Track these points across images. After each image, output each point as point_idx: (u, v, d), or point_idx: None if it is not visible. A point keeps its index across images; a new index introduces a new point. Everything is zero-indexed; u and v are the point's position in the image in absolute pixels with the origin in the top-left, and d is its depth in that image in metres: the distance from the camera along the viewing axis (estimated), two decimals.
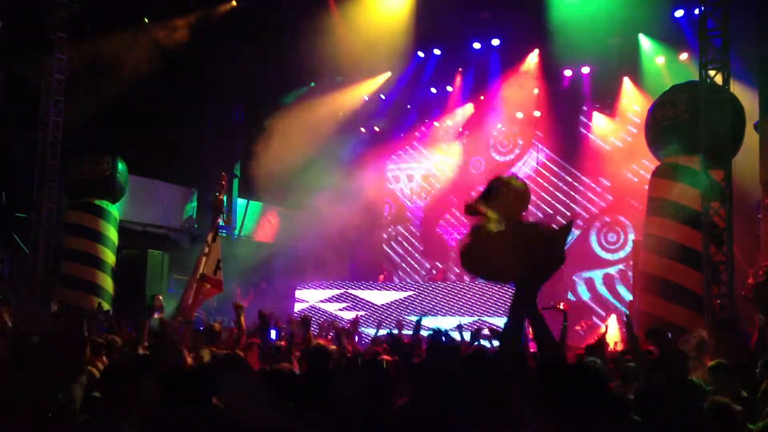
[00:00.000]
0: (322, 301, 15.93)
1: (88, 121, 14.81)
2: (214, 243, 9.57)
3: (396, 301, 15.36)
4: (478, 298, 14.85)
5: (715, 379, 5.07)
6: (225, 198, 11.19)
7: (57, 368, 4.65)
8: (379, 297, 15.53)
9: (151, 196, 18.03)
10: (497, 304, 14.34)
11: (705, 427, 3.71)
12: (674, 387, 4.09)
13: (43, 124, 14.95)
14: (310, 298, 16.09)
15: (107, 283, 14.81)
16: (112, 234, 15.22)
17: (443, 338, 3.79)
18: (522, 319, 3.13)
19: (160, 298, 10.79)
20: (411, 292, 15.58)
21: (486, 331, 7.27)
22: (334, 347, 6.09)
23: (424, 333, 7.32)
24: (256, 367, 5.29)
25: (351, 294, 15.83)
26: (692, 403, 3.93)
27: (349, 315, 14.56)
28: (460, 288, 15.35)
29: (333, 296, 15.88)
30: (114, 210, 15.40)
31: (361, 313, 14.29)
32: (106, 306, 13.02)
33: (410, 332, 8.54)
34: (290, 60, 16.21)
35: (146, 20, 15.65)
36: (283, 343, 6.99)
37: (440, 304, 14.98)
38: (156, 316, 7.24)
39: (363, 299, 15.63)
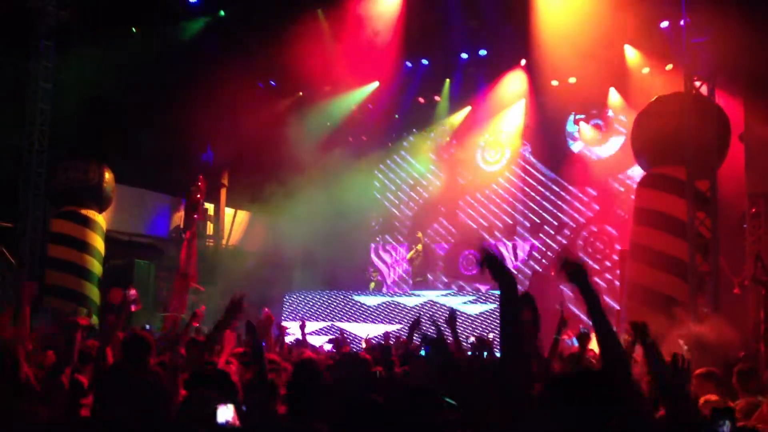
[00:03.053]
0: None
1: (75, 130, 14.74)
2: (193, 241, 9.61)
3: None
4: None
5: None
6: (205, 201, 11.13)
7: None
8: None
9: (138, 206, 17.94)
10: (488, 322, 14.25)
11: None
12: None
13: (29, 132, 14.86)
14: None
15: (94, 293, 14.72)
16: (99, 244, 15.12)
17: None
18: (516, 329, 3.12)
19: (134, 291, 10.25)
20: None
21: (472, 339, 7.26)
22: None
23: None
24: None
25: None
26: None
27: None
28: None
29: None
30: (100, 219, 15.31)
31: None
32: (95, 320, 12.95)
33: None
34: (278, 69, 16.22)
35: (134, 29, 15.61)
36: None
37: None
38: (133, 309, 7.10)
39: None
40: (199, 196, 10.26)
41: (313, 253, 18.25)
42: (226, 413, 3.72)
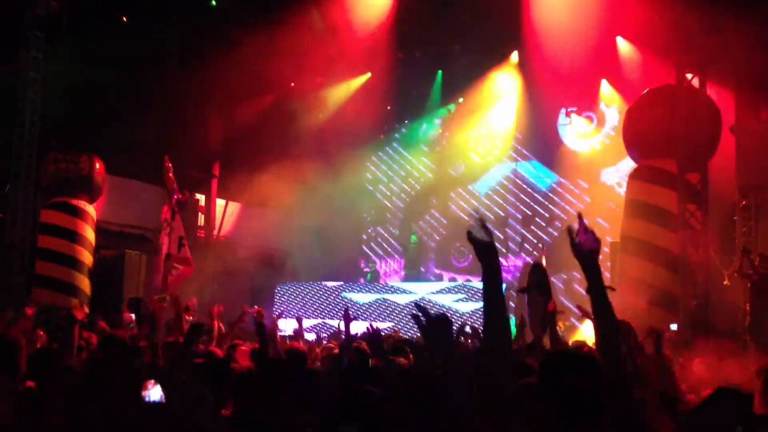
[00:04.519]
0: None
1: (65, 120, 14.66)
2: (174, 221, 9.54)
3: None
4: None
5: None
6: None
7: None
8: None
9: (129, 196, 17.86)
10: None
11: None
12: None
13: (19, 123, 14.77)
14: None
15: (84, 283, 14.66)
16: (90, 234, 15.06)
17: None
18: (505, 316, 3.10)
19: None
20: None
21: (468, 329, 7.25)
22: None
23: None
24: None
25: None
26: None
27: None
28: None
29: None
30: (91, 210, 15.25)
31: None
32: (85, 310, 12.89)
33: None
34: (269, 60, 16.15)
35: (124, 19, 15.52)
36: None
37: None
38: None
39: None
40: (171, 175, 10.24)
41: (305, 244, 18.22)
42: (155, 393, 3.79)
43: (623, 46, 16.47)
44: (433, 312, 2.81)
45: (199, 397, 3.87)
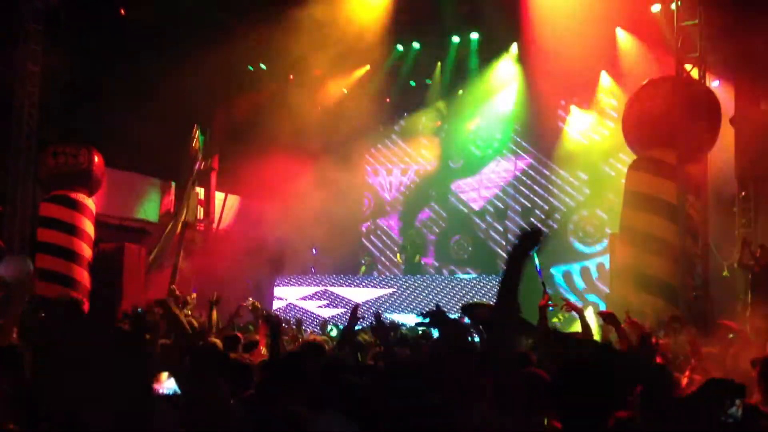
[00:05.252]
0: (301, 299, 15.82)
1: (64, 113, 14.63)
2: (193, 190, 9.70)
3: (377, 298, 15.18)
4: (456, 292, 14.86)
5: None
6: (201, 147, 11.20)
7: None
8: (359, 294, 15.34)
9: (128, 190, 17.86)
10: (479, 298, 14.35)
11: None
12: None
13: (17, 116, 14.75)
14: (289, 295, 15.96)
15: (84, 276, 14.67)
16: (89, 227, 15.05)
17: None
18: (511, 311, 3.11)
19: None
20: (392, 289, 15.32)
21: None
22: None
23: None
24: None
25: (330, 291, 15.65)
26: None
27: (328, 312, 14.42)
28: (441, 282, 15.32)
29: (312, 294, 15.71)
30: (90, 203, 15.24)
31: (341, 310, 14.11)
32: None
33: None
34: (268, 52, 16.14)
35: (123, 11, 15.48)
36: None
37: (422, 300, 14.90)
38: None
39: (342, 296, 15.46)
40: (194, 144, 10.38)
41: (304, 237, 18.23)
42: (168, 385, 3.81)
43: (622, 37, 16.44)
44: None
45: (215, 389, 3.89)
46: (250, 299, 6.25)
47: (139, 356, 3.80)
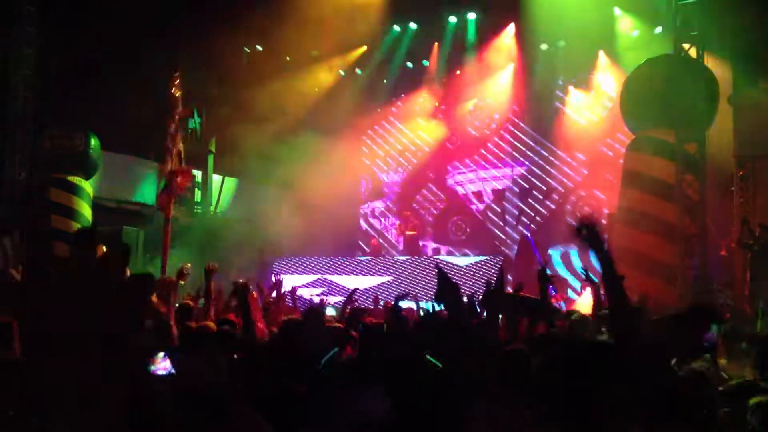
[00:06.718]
0: (299, 287, 15.71)
1: (60, 96, 14.56)
2: (176, 136, 9.84)
3: (374, 286, 15.05)
4: (457, 279, 14.74)
5: None
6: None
7: None
8: (356, 282, 15.13)
9: (125, 172, 17.81)
10: (479, 283, 14.26)
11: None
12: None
13: (13, 99, 14.68)
14: (285, 283, 15.84)
15: None
16: (86, 211, 15.04)
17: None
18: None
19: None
20: (389, 277, 15.19)
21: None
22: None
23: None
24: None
25: (327, 279, 15.57)
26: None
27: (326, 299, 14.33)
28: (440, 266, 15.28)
29: (309, 282, 15.58)
30: (87, 186, 15.22)
31: (339, 298, 14.02)
32: None
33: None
34: (265, 34, 16.04)
35: None
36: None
37: (420, 288, 14.78)
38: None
39: (339, 284, 15.36)
40: (176, 91, 10.40)
41: (302, 219, 18.20)
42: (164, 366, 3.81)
43: (620, 16, 16.36)
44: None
45: (216, 367, 3.88)
46: (241, 279, 6.20)
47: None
